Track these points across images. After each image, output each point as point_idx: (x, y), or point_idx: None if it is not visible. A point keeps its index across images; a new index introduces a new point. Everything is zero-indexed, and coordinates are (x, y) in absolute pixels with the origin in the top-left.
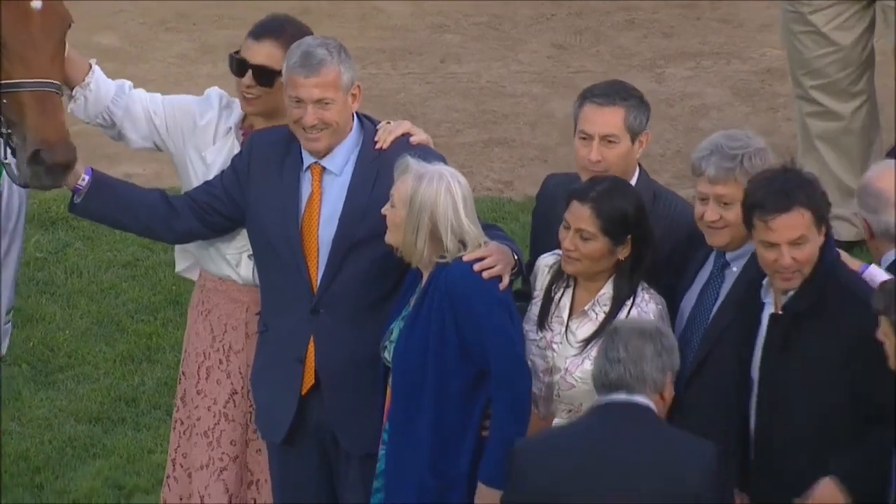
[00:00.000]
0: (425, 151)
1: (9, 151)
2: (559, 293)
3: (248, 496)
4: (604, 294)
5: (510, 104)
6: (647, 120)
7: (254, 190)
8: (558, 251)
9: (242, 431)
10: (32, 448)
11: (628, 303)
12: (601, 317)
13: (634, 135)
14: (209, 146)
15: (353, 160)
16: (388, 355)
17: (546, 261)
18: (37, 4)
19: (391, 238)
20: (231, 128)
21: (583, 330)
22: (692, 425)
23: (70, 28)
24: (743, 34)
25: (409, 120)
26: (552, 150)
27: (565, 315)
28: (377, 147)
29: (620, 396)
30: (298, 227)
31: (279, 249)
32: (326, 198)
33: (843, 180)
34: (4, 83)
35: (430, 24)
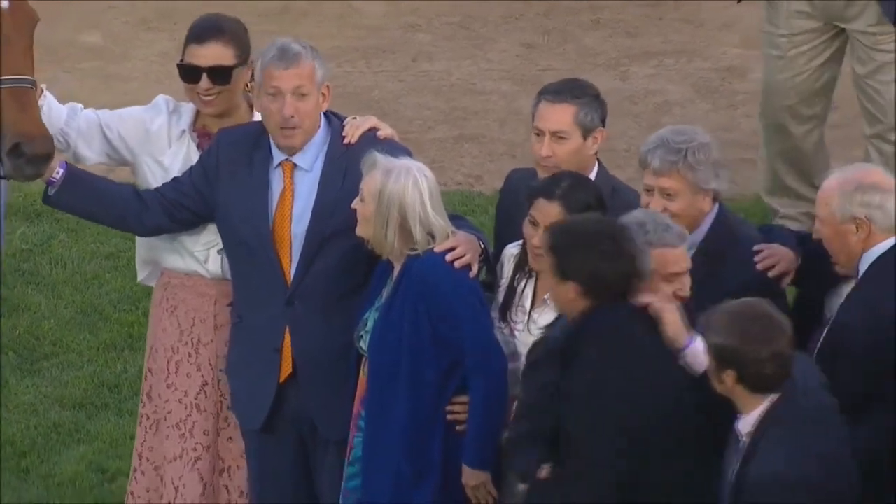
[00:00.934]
0: (392, 146)
1: None
2: (522, 284)
3: (220, 483)
4: None
5: (480, 101)
6: (603, 117)
7: (223, 187)
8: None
9: (214, 421)
10: (18, 433)
11: None
12: None
13: (587, 131)
14: (165, 151)
15: (322, 156)
16: (364, 345)
17: (512, 251)
18: (5, 4)
19: (362, 231)
20: (184, 130)
21: (544, 318)
22: None
23: (36, 27)
24: (704, 34)
25: (382, 117)
26: (520, 146)
27: (528, 304)
28: (345, 142)
29: None
30: (270, 224)
31: (251, 245)
32: (298, 193)
33: (788, 183)
34: None
35: (403, 24)
